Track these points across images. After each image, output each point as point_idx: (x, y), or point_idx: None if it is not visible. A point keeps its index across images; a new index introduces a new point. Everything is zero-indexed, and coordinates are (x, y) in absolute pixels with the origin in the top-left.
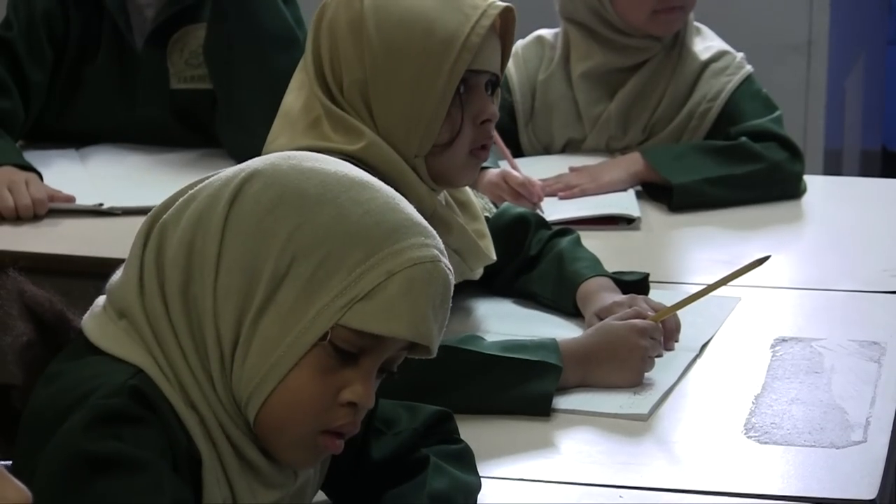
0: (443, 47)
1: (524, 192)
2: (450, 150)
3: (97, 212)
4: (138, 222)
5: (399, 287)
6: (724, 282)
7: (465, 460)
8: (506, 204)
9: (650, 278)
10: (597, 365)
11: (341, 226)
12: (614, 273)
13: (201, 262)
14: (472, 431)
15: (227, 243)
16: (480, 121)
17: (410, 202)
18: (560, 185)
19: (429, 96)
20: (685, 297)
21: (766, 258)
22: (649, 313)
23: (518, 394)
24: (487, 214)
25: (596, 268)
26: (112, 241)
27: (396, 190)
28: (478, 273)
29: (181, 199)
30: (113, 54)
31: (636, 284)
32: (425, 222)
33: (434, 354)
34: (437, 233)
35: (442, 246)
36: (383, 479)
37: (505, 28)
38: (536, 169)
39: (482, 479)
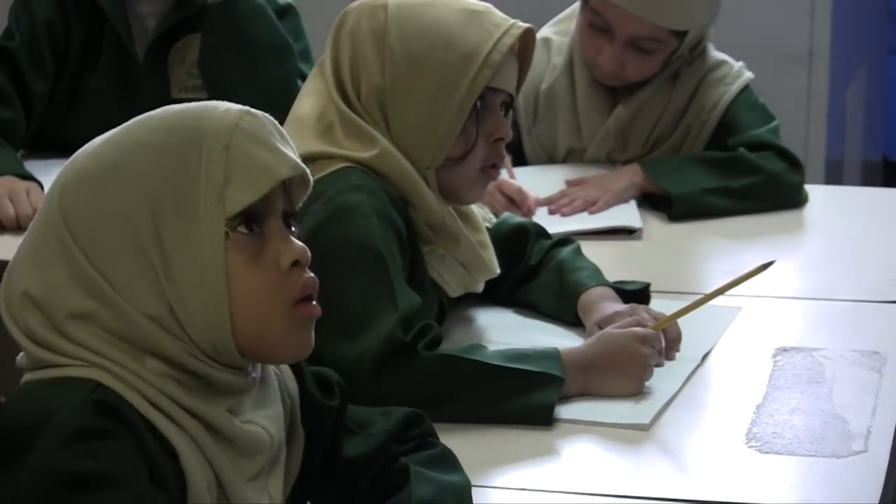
0: (463, 61)
1: (517, 198)
2: (462, 165)
3: None
4: None
5: (242, 151)
6: (725, 289)
7: (447, 462)
8: (506, 214)
9: (652, 288)
10: (598, 373)
11: (157, 155)
12: (615, 283)
13: (85, 287)
14: (473, 440)
15: (95, 255)
16: (494, 139)
17: (421, 212)
18: (579, 203)
19: (446, 109)
20: (685, 305)
21: (769, 263)
22: (649, 322)
23: (520, 404)
24: (488, 225)
25: (596, 277)
26: None
27: (407, 199)
28: (480, 286)
29: (17, 261)
30: (114, 64)
31: (637, 294)
32: (212, 101)
33: (311, 181)
34: (445, 244)
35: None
36: (359, 480)
37: (524, 50)
38: (535, 181)
39: (483, 489)
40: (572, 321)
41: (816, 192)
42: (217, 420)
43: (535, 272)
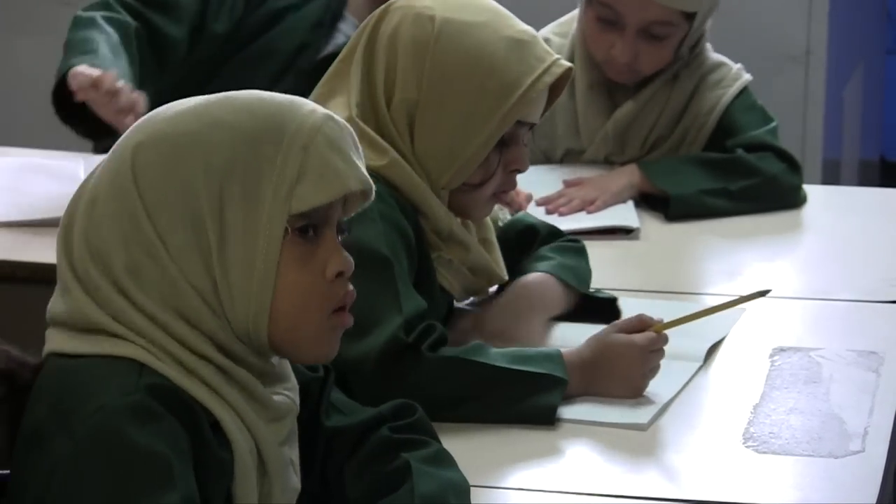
0: (501, 93)
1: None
2: (477, 191)
3: None
4: None
5: (319, 153)
6: (723, 307)
7: (445, 461)
8: (521, 214)
9: (649, 287)
10: (598, 378)
11: (239, 136)
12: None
13: (140, 242)
14: (471, 440)
15: (157, 216)
16: (511, 169)
17: (429, 221)
18: (577, 203)
19: (474, 137)
20: (688, 314)
21: (766, 291)
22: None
23: (524, 406)
24: (501, 223)
25: (550, 266)
26: None
27: (416, 209)
28: (488, 291)
29: (81, 204)
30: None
31: (604, 304)
32: (298, 97)
33: (372, 197)
34: (454, 252)
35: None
36: (342, 454)
37: (557, 83)
38: (532, 181)
39: (481, 489)
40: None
41: (814, 192)
42: (251, 384)
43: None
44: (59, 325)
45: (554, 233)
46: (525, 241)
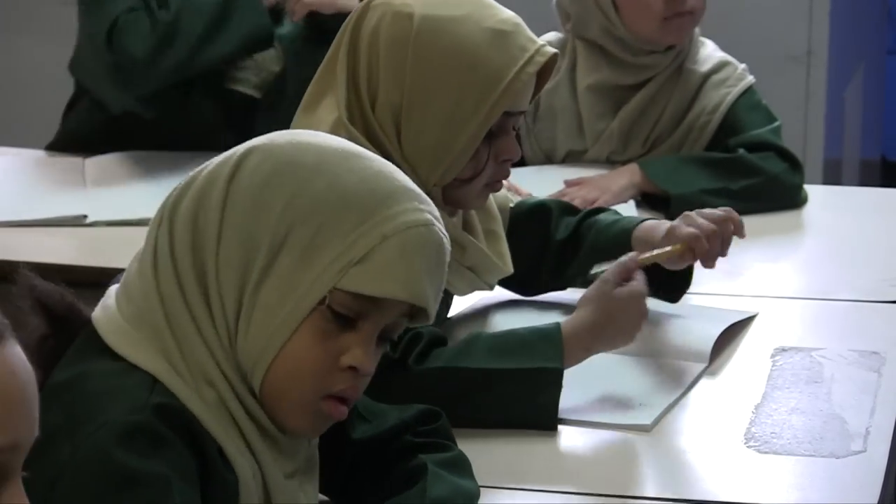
0: (484, 86)
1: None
2: (469, 185)
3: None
4: (141, 233)
5: (394, 249)
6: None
7: (462, 467)
8: (523, 199)
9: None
10: (603, 337)
11: (336, 193)
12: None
13: (203, 238)
14: (471, 440)
15: (227, 217)
16: (502, 159)
17: None
18: (578, 202)
19: (461, 133)
20: (659, 251)
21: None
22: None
23: (523, 408)
24: (511, 203)
25: (641, 217)
26: (115, 250)
27: None
28: (492, 286)
29: (184, 182)
30: None
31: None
32: (419, 190)
33: (432, 320)
34: (452, 252)
35: (437, 212)
36: (368, 464)
37: (543, 68)
38: (533, 181)
39: (485, 489)
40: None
41: (815, 192)
42: (262, 418)
43: (574, 246)
44: (119, 290)
45: (566, 207)
46: (538, 219)
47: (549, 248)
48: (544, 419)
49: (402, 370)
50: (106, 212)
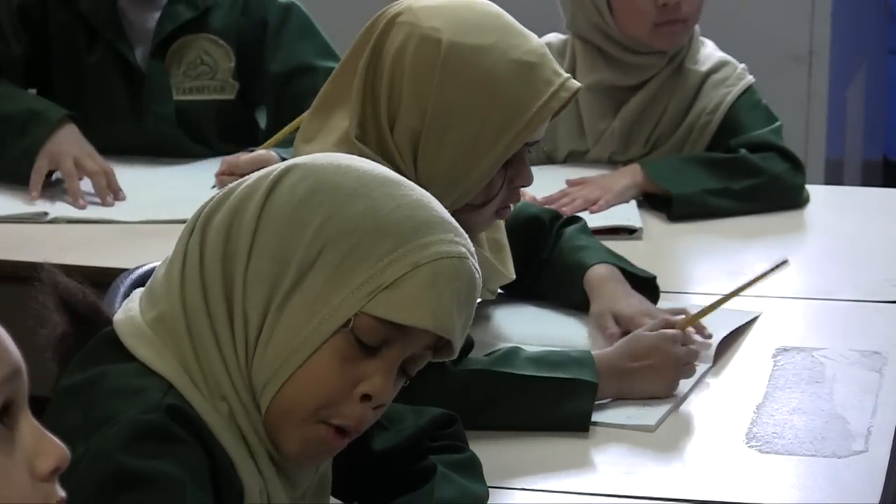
0: (507, 119)
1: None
2: (480, 210)
3: (105, 221)
4: (145, 231)
5: (424, 278)
6: (744, 287)
7: (473, 469)
8: (523, 202)
9: None
10: (631, 376)
11: (372, 217)
12: (620, 261)
13: (235, 249)
14: (476, 443)
15: (261, 231)
16: (515, 185)
17: None
18: (580, 202)
19: (479, 162)
20: (705, 306)
21: (783, 262)
22: (678, 320)
23: (556, 413)
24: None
25: (599, 254)
26: (118, 250)
27: None
28: (494, 293)
29: (222, 193)
30: (113, 60)
31: (643, 284)
32: (456, 223)
33: (455, 355)
34: None
35: (472, 247)
36: (386, 474)
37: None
38: (535, 182)
39: (491, 490)
40: (581, 304)
41: (817, 192)
42: (268, 440)
43: (547, 263)
44: (144, 293)
45: (554, 215)
46: (532, 233)
47: (532, 264)
48: (577, 425)
49: (441, 370)
50: (67, 209)
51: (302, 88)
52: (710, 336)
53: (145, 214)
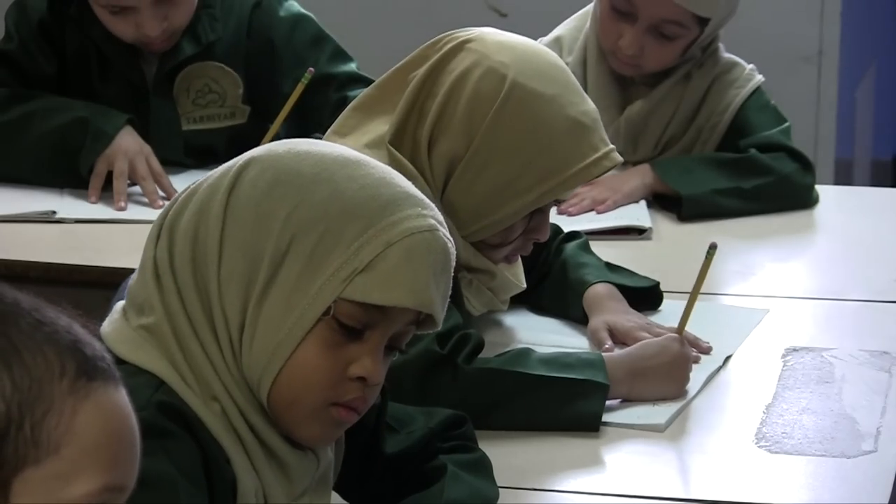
0: (547, 171)
1: None
2: (491, 250)
3: (111, 221)
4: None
5: (398, 257)
6: (701, 281)
7: (483, 469)
8: None
9: (663, 287)
10: (642, 378)
11: (338, 202)
12: (621, 276)
13: (205, 251)
14: (485, 442)
15: (228, 229)
16: (531, 237)
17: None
18: (588, 203)
19: (508, 204)
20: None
21: (712, 247)
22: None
23: (567, 413)
24: None
25: (599, 273)
26: (125, 250)
27: None
28: (505, 305)
29: (184, 195)
30: (126, 97)
31: (645, 293)
32: (421, 195)
33: (440, 326)
34: (479, 277)
35: (440, 217)
36: (397, 477)
37: None
38: None
39: (501, 489)
40: (580, 319)
41: (826, 192)
42: (269, 436)
43: (546, 274)
44: (126, 304)
45: (557, 231)
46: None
47: (530, 278)
48: (587, 425)
49: (453, 368)
50: (75, 209)
51: (318, 101)
52: (709, 349)
53: (155, 214)
